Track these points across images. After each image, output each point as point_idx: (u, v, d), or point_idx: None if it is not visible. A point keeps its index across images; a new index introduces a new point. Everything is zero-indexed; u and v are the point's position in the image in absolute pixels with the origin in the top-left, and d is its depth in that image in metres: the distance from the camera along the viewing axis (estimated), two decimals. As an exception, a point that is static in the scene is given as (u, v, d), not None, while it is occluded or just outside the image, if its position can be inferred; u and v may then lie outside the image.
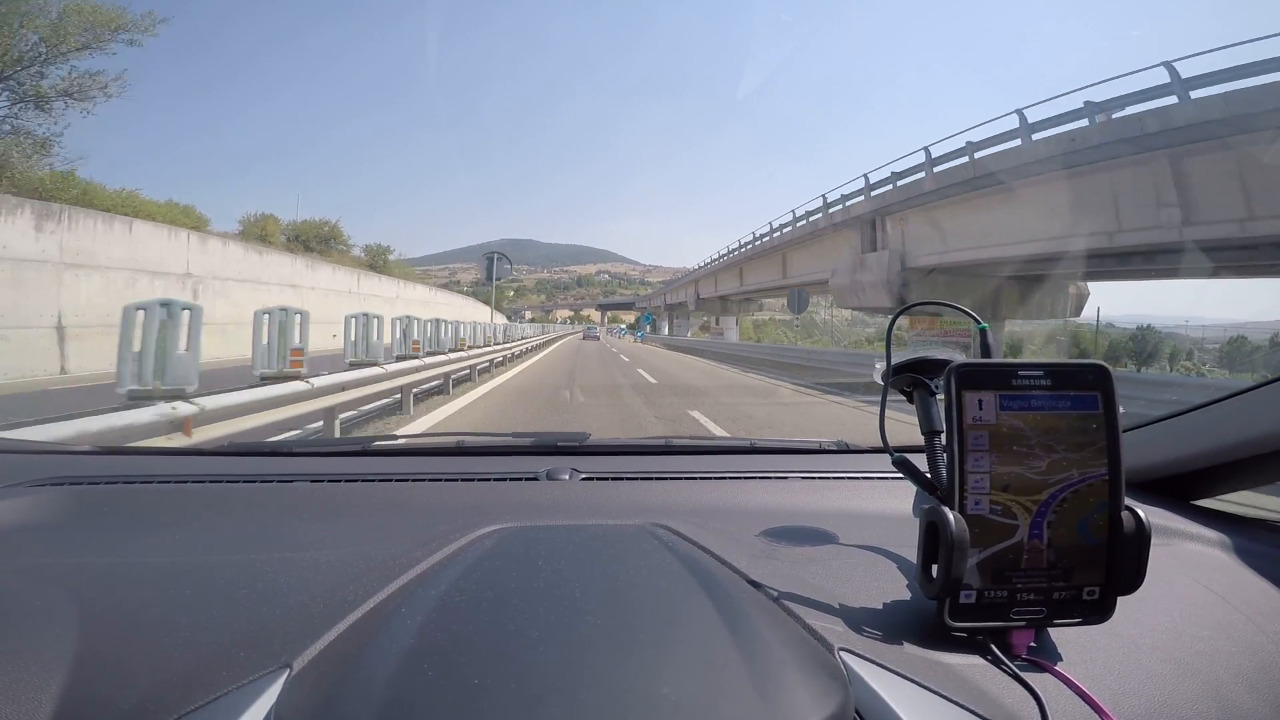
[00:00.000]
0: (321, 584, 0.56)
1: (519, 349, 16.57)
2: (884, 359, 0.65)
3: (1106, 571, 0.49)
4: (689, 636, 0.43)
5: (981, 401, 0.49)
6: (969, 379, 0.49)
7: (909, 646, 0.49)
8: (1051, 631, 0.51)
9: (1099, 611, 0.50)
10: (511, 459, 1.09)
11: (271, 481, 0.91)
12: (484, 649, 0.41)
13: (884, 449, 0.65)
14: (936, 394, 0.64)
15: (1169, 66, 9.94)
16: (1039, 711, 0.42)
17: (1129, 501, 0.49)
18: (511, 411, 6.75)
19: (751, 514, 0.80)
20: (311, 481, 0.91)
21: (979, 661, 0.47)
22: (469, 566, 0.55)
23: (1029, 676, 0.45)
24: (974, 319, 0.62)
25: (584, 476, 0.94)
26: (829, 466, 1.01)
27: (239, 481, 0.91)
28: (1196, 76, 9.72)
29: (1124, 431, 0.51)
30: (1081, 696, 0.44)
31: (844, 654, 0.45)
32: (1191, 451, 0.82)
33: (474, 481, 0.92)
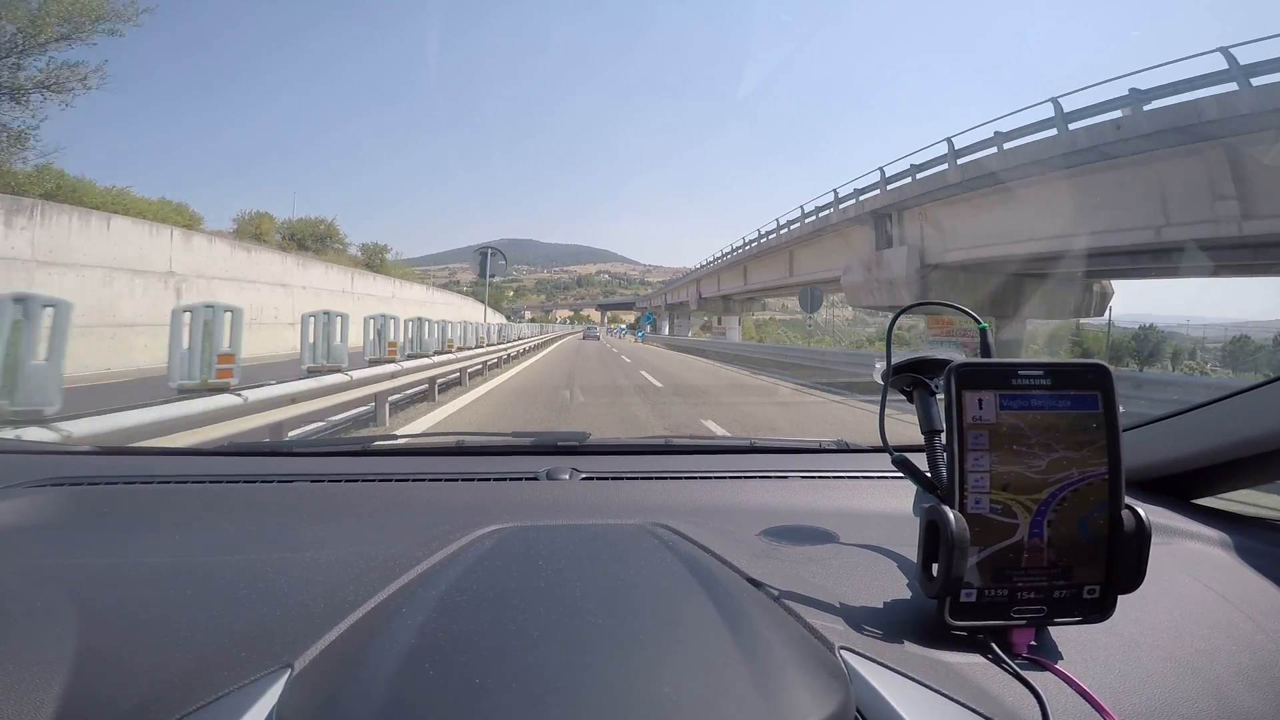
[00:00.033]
0: (322, 584, 0.56)
1: (516, 350, 15.93)
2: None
3: (1107, 570, 0.49)
4: (690, 636, 0.43)
5: (981, 401, 0.49)
6: (969, 378, 0.50)
7: (910, 645, 0.49)
8: (1052, 630, 0.51)
9: (1099, 610, 0.50)
10: (511, 459, 1.09)
11: (271, 481, 0.91)
12: (485, 649, 0.41)
13: (884, 448, 0.65)
14: (936, 394, 0.64)
15: (1225, 53, 9.35)
16: (1040, 710, 0.42)
17: (1129, 500, 0.49)
18: (504, 420, 6.33)
19: (752, 513, 0.80)
20: (311, 481, 0.91)
21: (980, 660, 0.47)
22: (469, 566, 0.55)
23: (1030, 675, 0.45)
24: (974, 319, 0.62)
25: (584, 476, 0.94)
26: (829, 466, 1.01)
27: (239, 481, 0.91)
28: (1250, 65, 9.12)
29: (1124, 431, 0.51)
30: (1082, 695, 0.44)
31: (845, 653, 0.45)
32: (1192, 450, 0.82)
33: (474, 481, 0.92)
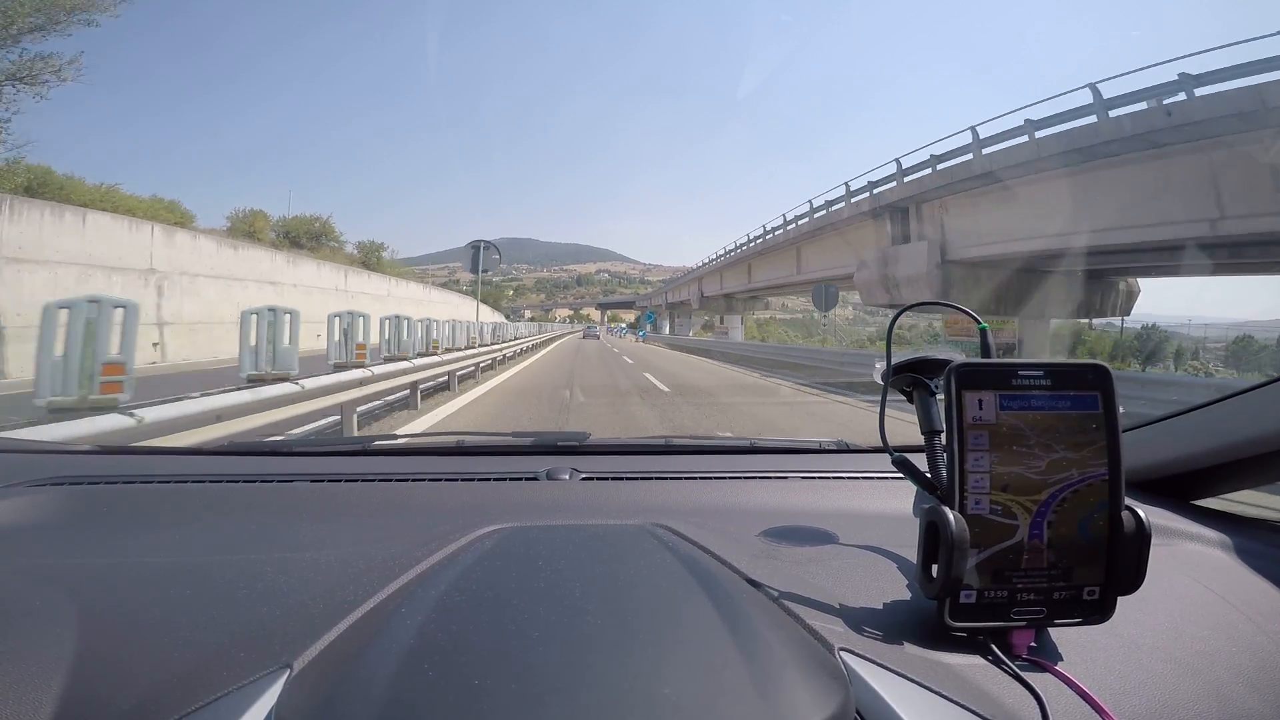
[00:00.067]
0: (321, 584, 0.56)
1: (512, 350, 15.18)
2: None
3: (1107, 571, 0.49)
4: (689, 636, 0.43)
5: (981, 401, 0.49)
6: (969, 379, 0.49)
7: (909, 646, 0.49)
8: (1052, 631, 0.51)
9: (1099, 611, 0.50)
10: (511, 459, 1.09)
11: (271, 481, 0.91)
12: (484, 649, 0.41)
13: (884, 449, 0.65)
14: (936, 394, 0.64)
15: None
16: (1039, 711, 0.42)
17: (1129, 501, 0.49)
18: (498, 427, 5.96)
19: (751, 514, 0.80)
20: (311, 481, 0.91)
21: (979, 661, 0.47)
22: (469, 566, 0.55)
23: (1029, 676, 0.45)
24: (974, 319, 0.62)
25: (584, 476, 0.93)
26: (829, 466, 1.01)
27: (239, 481, 0.91)
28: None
29: (1124, 431, 0.51)
30: (1082, 696, 0.44)
31: (844, 654, 0.45)
32: (1192, 451, 0.82)
33: (474, 481, 0.92)
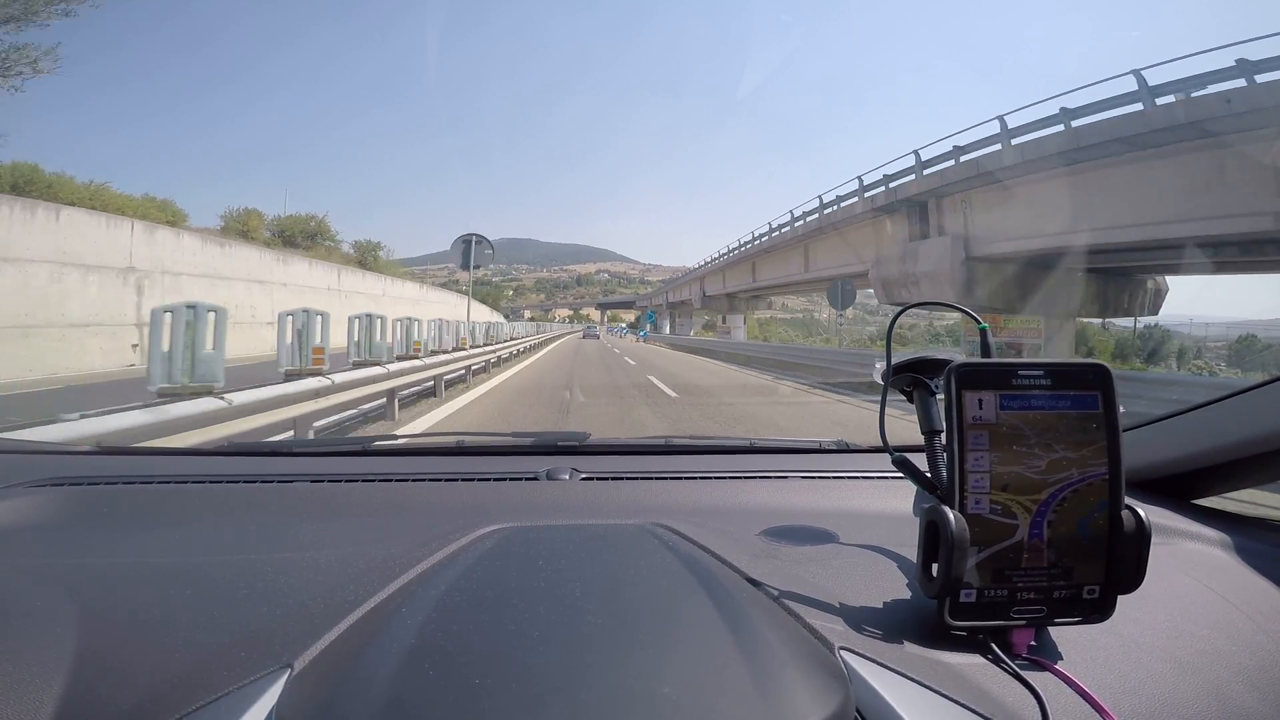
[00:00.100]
0: (322, 584, 0.56)
1: (507, 352, 14.20)
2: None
3: (1107, 570, 0.49)
4: (689, 636, 0.43)
5: (981, 401, 0.49)
6: (969, 378, 0.50)
7: (909, 646, 0.49)
8: (1052, 630, 0.51)
9: (1099, 610, 0.50)
10: (511, 459, 1.09)
11: (271, 481, 0.91)
12: (484, 649, 0.41)
13: (884, 448, 0.65)
14: (936, 394, 0.64)
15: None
16: (1039, 710, 0.42)
17: (1129, 501, 0.49)
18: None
19: (752, 513, 0.80)
20: (311, 481, 0.91)
21: (979, 660, 0.48)
22: (469, 566, 0.55)
23: (1029, 675, 0.45)
24: (974, 319, 0.62)
25: (584, 476, 0.94)
26: (829, 466, 1.01)
27: (239, 481, 0.91)
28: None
29: (1124, 431, 0.51)
30: (1082, 695, 0.44)
31: (844, 653, 0.46)
32: (1192, 451, 0.82)
33: (474, 481, 0.92)
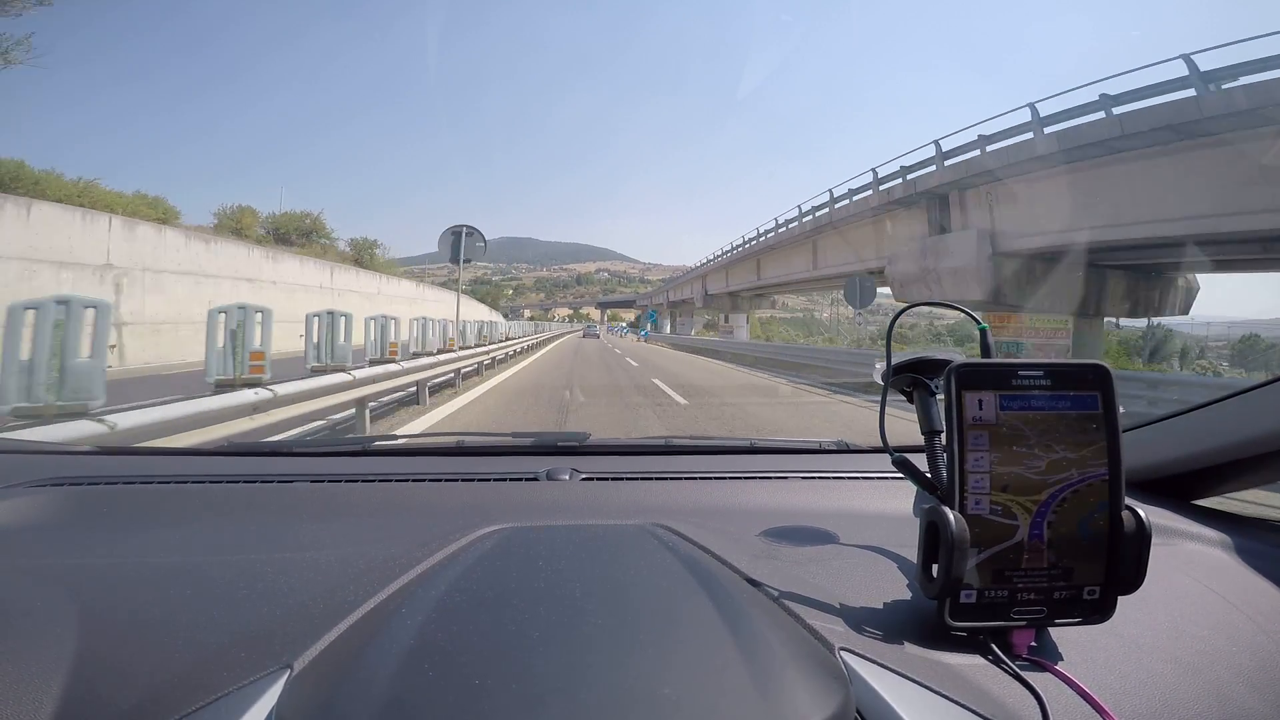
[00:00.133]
0: (322, 584, 0.56)
1: (502, 353, 13.10)
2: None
3: (1107, 571, 0.49)
4: (689, 637, 0.43)
5: (981, 401, 0.49)
6: (969, 379, 0.50)
7: (910, 646, 0.49)
8: (1052, 631, 0.51)
9: (1099, 611, 0.50)
10: (511, 459, 1.09)
11: (271, 481, 0.91)
12: (484, 649, 0.41)
13: (884, 449, 0.65)
14: (936, 394, 0.64)
15: None
16: (1040, 711, 0.42)
17: (1129, 501, 0.49)
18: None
19: (752, 514, 0.80)
20: (311, 481, 0.91)
21: (980, 661, 0.48)
22: (469, 567, 0.55)
23: (1030, 676, 0.45)
24: (974, 319, 0.61)
25: (584, 477, 0.93)
26: (829, 466, 1.01)
27: (239, 481, 0.91)
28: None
29: (1124, 431, 0.51)
30: (1082, 696, 0.44)
31: (844, 654, 0.46)
32: (1192, 451, 0.82)
33: (474, 481, 0.92)
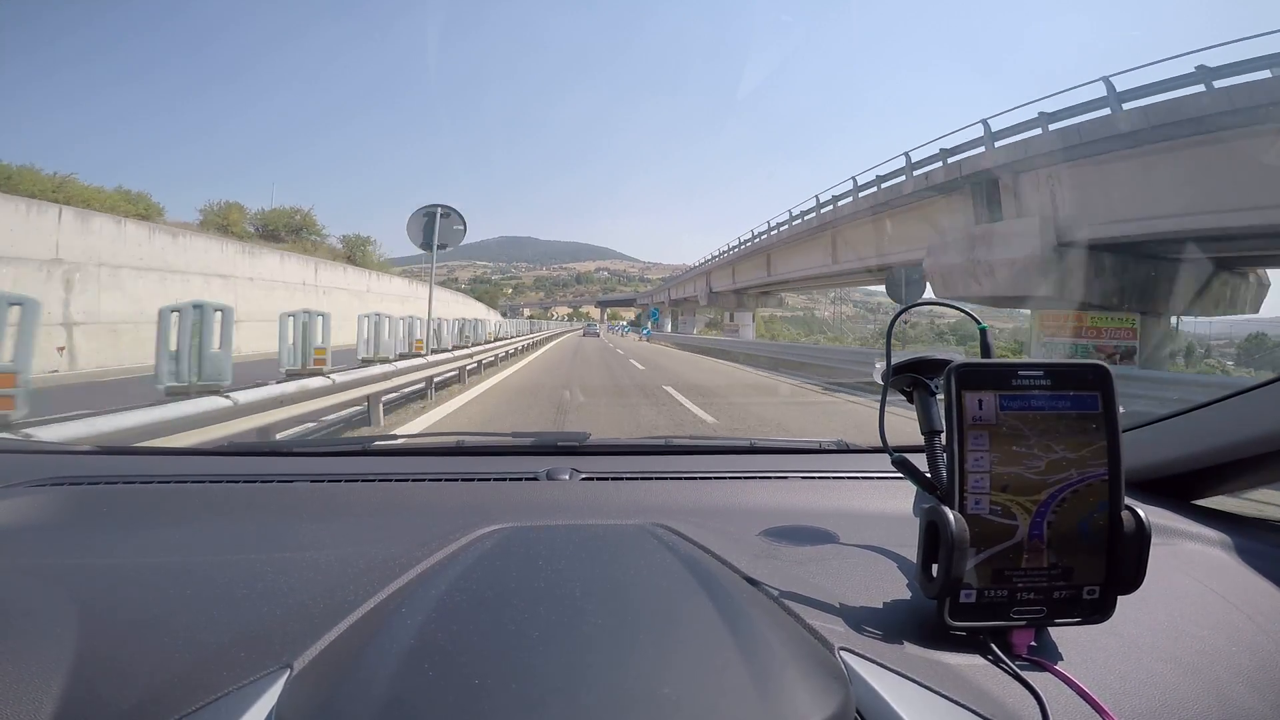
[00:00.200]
0: (321, 584, 0.56)
1: (488, 357, 11.22)
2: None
3: (1107, 571, 0.49)
4: (689, 636, 0.43)
5: (981, 401, 0.49)
6: (969, 379, 0.50)
7: (909, 646, 0.49)
8: (1052, 631, 0.51)
9: (1099, 611, 0.50)
10: (511, 459, 1.09)
11: (271, 481, 0.91)
12: (484, 649, 0.41)
13: (884, 449, 0.65)
14: (936, 394, 0.64)
15: None
16: (1039, 711, 0.42)
17: (1129, 501, 0.49)
18: None
19: (751, 514, 0.80)
20: (311, 481, 0.91)
21: (979, 661, 0.48)
22: (469, 566, 0.55)
23: (1029, 676, 0.45)
24: (974, 319, 0.62)
25: (584, 476, 0.93)
26: (829, 466, 1.01)
27: (239, 481, 0.91)
28: None
29: (1124, 431, 0.51)
30: (1082, 696, 0.44)
31: (844, 653, 0.46)
32: (1192, 451, 0.82)
33: (474, 481, 0.92)
